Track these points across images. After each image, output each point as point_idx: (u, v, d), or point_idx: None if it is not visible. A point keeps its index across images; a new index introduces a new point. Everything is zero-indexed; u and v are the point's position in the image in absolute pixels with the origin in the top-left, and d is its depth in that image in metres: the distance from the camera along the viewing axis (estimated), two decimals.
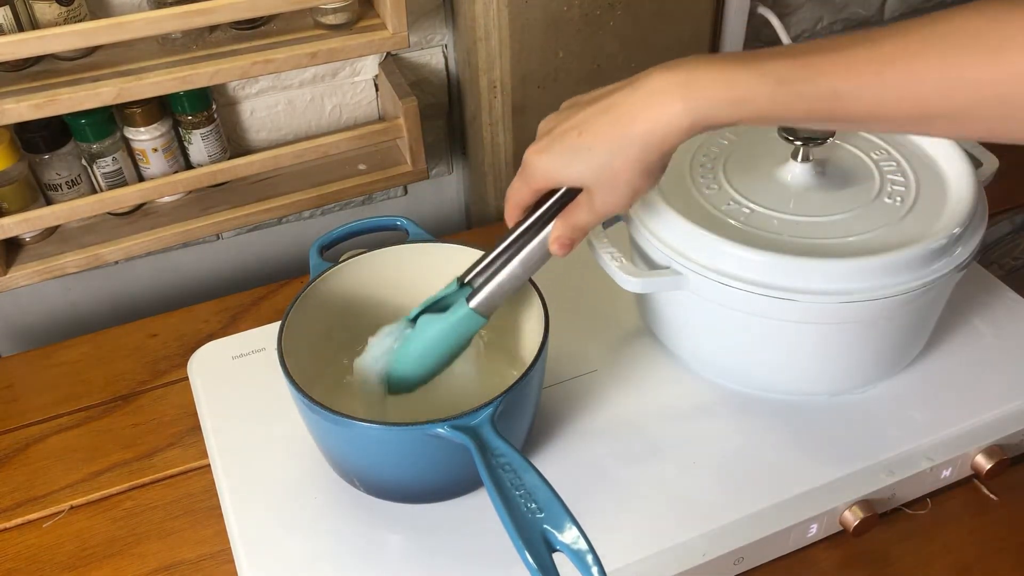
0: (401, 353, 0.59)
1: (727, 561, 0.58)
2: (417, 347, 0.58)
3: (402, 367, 0.59)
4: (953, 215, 0.60)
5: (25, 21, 0.70)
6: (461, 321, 0.57)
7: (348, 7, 0.78)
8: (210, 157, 0.83)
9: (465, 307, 0.57)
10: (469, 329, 0.58)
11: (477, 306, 0.57)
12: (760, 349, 0.63)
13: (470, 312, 0.57)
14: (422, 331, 0.58)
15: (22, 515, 0.65)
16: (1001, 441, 0.64)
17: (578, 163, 0.51)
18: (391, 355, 0.59)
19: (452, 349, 0.59)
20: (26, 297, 0.87)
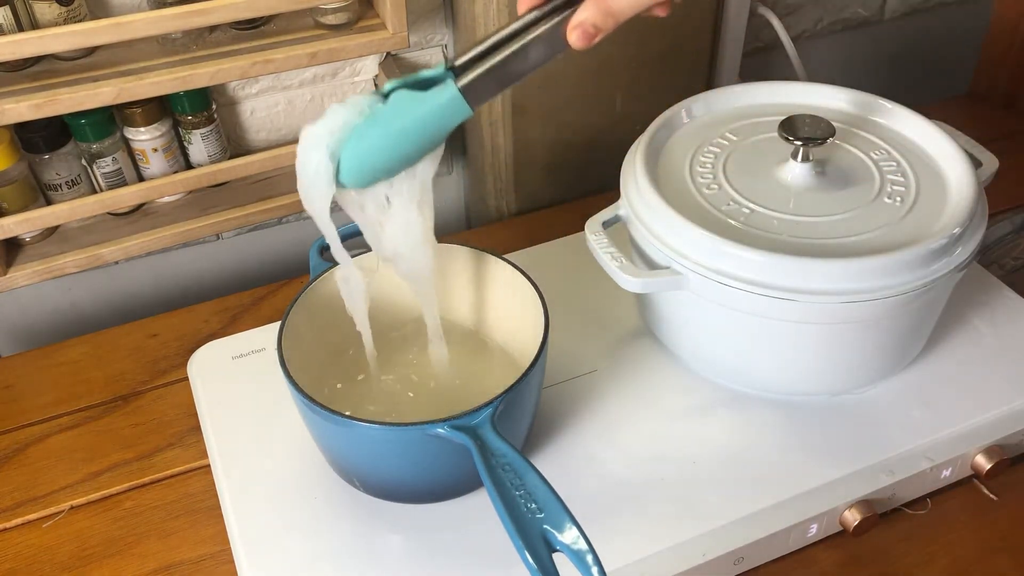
0: (364, 131, 0.50)
1: (727, 561, 0.58)
2: (385, 128, 0.50)
3: (361, 149, 0.50)
4: (953, 215, 0.60)
5: (25, 21, 0.70)
6: (444, 106, 0.49)
7: (348, 7, 0.78)
8: (210, 157, 0.83)
9: (452, 88, 0.49)
10: (451, 118, 0.50)
11: (465, 89, 0.49)
12: (760, 349, 0.63)
13: (456, 96, 0.49)
14: (395, 109, 0.50)
15: (22, 515, 0.65)
16: (1001, 441, 0.64)
17: None
18: (351, 131, 0.50)
19: (425, 141, 0.51)
20: (26, 297, 0.87)
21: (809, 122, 0.63)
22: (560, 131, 0.89)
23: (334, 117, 0.50)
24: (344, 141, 0.50)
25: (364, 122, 0.49)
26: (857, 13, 1.10)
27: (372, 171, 0.51)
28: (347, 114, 0.50)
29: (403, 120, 0.50)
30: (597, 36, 0.47)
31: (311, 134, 0.50)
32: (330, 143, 0.49)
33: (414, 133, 0.50)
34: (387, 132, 0.50)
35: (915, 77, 1.21)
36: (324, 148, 0.49)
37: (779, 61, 1.02)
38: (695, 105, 0.71)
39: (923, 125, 0.67)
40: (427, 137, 0.51)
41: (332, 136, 0.49)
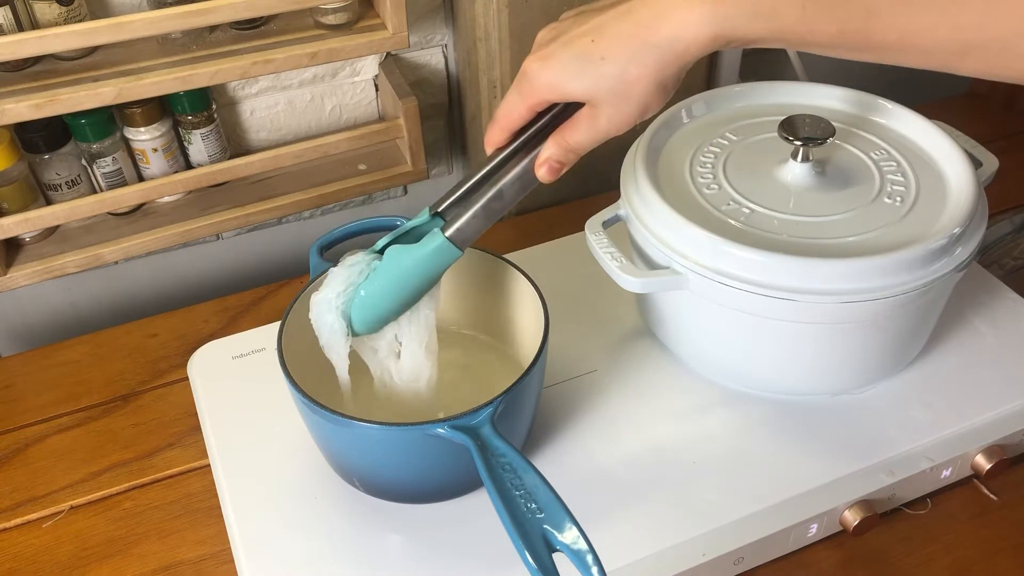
0: (367, 288, 0.55)
1: (727, 561, 0.58)
2: (385, 282, 0.55)
3: (368, 304, 0.55)
4: (953, 215, 0.60)
5: (25, 21, 0.70)
6: (435, 253, 0.54)
7: (348, 7, 0.78)
8: (210, 157, 0.83)
9: (440, 237, 0.53)
10: (443, 262, 0.54)
11: (453, 236, 0.53)
12: (760, 349, 0.63)
13: (445, 243, 0.53)
14: (392, 264, 0.54)
15: (22, 515, 0.65)
16: (1001, 441, 0.64)
17: (588, 73, 0.46)
18: (355, 291, 0.55)
19: (423, 284, 0.56)
20: (26, 297, 0.87)
21: (809, 122, 0.63)
22: None
23: (338, 280, 0.55)
24: (351, 300, 0.55)
25: (366, 281, 0.55)
26: None
27: (379, 319, 0.56)
28: (350, 276, 0.55)
29: (400, 273, 0.55)
30: (562, 169, 0.51)
31: (322, 300, 0.56)
32: (339, 305, 0.55)
33: (411, 281, 0.55)
34: (388, 285, 0.55)
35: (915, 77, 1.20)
36: (335, 311, 0.55)
37: (779, 61, 1.02)
38: (695, 105, 0.71)
39: (923, 125, 0.67)
40: (424, 282, 0.56)
41: (339, 298, 0.55)
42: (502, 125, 0.52)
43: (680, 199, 0.63)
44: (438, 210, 0.55)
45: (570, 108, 0.51)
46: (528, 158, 0.52)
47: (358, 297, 0.55)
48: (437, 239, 0.53)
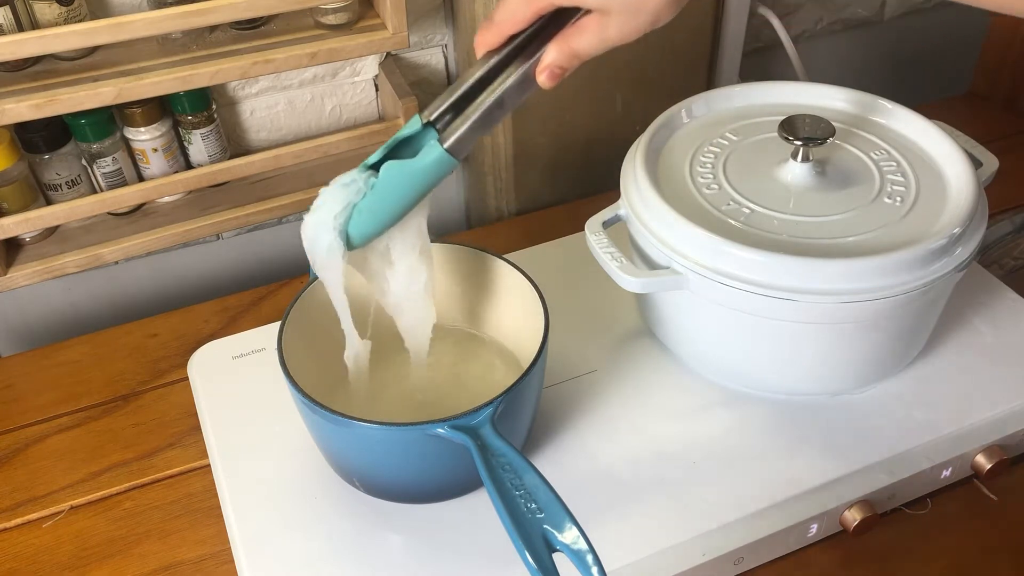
0: (365, 207, 0.54)
1: (727, 561, 0.58)
2: (384, 198, 0.54)
3: (366, 221, 0.54)
4: (953, 215, 0.60)
5: (25, 21, 0.70)
6: (434, 165, 0.52)
7: (348, 7, 0.78)
8: (210, 157, 0.83)
9: (438, 149, 0.52)
10: (441, 173, 0.53)
11: (452, 148, 0.52)
12: (760, 349, 0.63)
13: (444, 155, 0.52)
14: (389, 180, 0.53)
15: (22, 515, 0.65)
16: (1001, 441, 0.64)
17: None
18: (351, 210, 0.54)
19: (420, 197, 0.55)
20: (26, 297, 0.87)
21: (809, 122, 0.63)
22: (560, 131, 0.89)
23: (335, 201, 0.54)
24: (348, 219, 0.54)
25: (363, 200, 0.53)
26: (857, 13, 1.10)
27: (375, 233, 0.55)
28: (347, 195, 0.54)
29: (399, 188, 0.53)
30: (563, 75, 0.50)
31: (319, 223, 0.54)
32: (337, 225, 0.54)
33: (409, 195, 0.54)
34: (386, 201, 0.54)
35: (915, 77, 1.21)
36: (333, 231, 0.54)
37: (779, 61, 1.02)
38: (695, 105, 0.71)
39: (923, 125, 0.67)
40: (421, 194, 0.54)
41: (338, 219, 0.54)
42: (501, 29, 0.50)
43: (680, 199, 0.63)
44: (430, 119, 0.53)
45: (567, 14, 0.50)
46: (528, 63, 0.50)
47: (356, 215, 0.54)
48: (435, 151, 0.52)
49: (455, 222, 1.03)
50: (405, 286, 0.59)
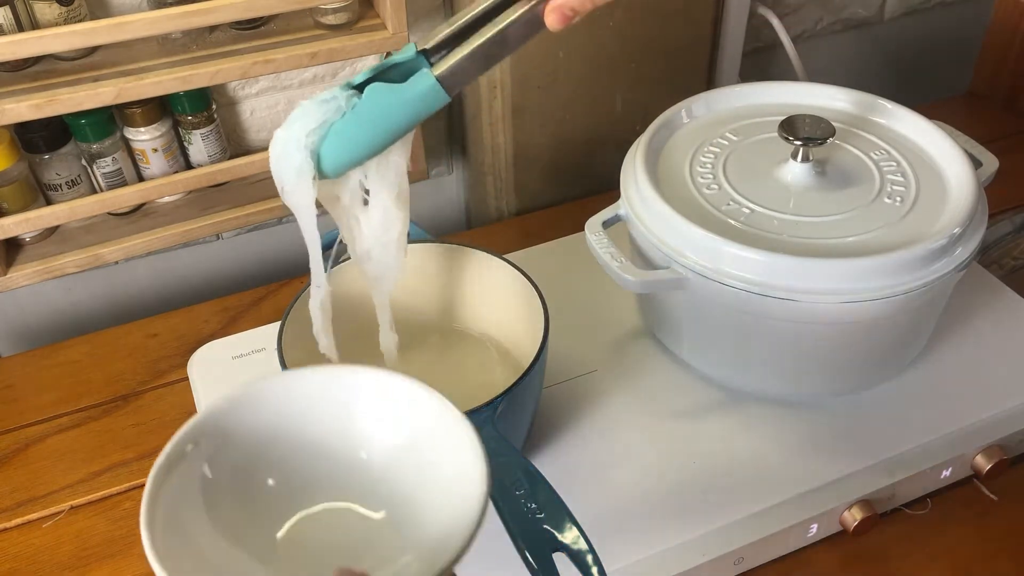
0: (343, 128, 0.50)
1: (727, 561, 0.58)
2: (364, 122, 0.50)
3: (340, 145, 0.50)
4: (953, 215, 0.60)
5: (25, 21, 0.70)
6: (423, 95, 0.49)
7: (348, 7, 0.78)
8: (210, 157, 0.83)
9: (430, 79, 0.48)
10: (429, 106, 0.49)
11: (444, 78, 0.48)
12: (760, 349, 0.63)
13: (435, 85, 0.48)
14: (373, 103, 0.49)
15: (22, 515, 0.65)
16: (1001, 441, 0.64)
17: None
18: (327, 129, 0.49)
19: (403, 128, 0.51)
20: (26, 297, 0.87)
21: (809, 122, 0.63)
22: (560, 131, 0.89)
23: (310, 116, 0.49)
24: (323, 139, 0.49)
25: (342, 120, 0.49)
26: (857, 13, 1.10)
27: (350, 162, 0.51)
28: (325, 113, 0.49)
29: (382, 114, 0.49)
30: (574, 19, 0.47)
31: (289, 138, 0.50)
32: (309, 144, 0.49)
33: (392, 124, 0.50)
34: (366, 127, 0.50)
35: (915, 77, 1.20)
36: (304, 150, 0.49)
37: (779, 61, 1.02)
38: (695, 105, 0.71)
39: (923, 125, 0.67)
40: (404, 126, 0.50)
41: (311, 137, 0.49)
42: None
43: (680, 199, 0.63)
44: (425, 47, 0.50)
45: None
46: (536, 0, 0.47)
47: (332, 136, 0.49)
48: (427, 80, 0.49)
49: (455, 222, 1.03)
50: (378, 232, 0.54)
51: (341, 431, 0.42)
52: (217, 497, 0.40)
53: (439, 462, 0.41)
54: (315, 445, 0.42)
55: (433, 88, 0.49)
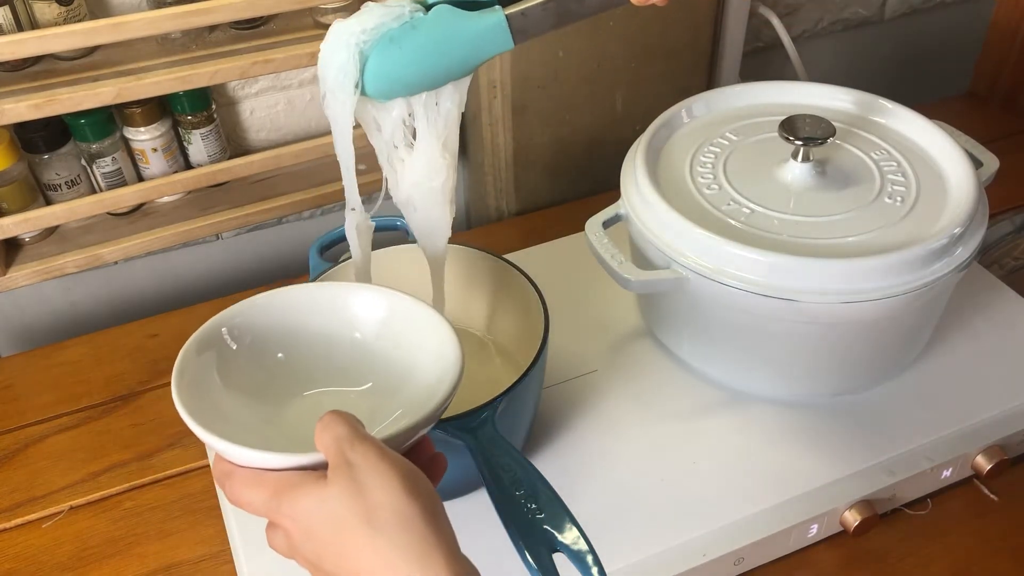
0: (398, 38, 0.46)
1: (727, 561, 0.58)
2: (422, 42, 0.47)
3: (390, 58, 0.47)
4: (953, 215, 0.60)
5: (25, 21, 0.70)
6: (487, 31, 0.46)
7: (348, 7, 0.78)
8: (210, 157, 0.83)
9: (498, 14, 0.46)
10: (490, 46, 0.47)
11: (513, 20, 0.46)
12: (760, 349, 0.63)
13: (502, 22, 0.46)
14: (436, 24, 0.46)
15: (22, 515, 0.65)
16: (1001, 441, 0.64)
17: None
18: (384, 34, 0.46)
19: (457, 64, 0.48)
20: (26, 297, 0.86)
21: (809, 122, 0.63)
22: (560, 131, 0.89)
23: (370, 16, 0.46)
24: (375, 44, 0.47)
25: (399, 28, 0.46)
26: (857, 13, 1.10)
27: (396, 83, 0.48)
28: (385, 16, 0.46)
29: (441, 38, 0.47)
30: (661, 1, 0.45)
31: (342, 30, 0.47)
32: (360, 42, 0.47)
33: (449, 53, 0.47)
34: (422, 45, 0.47)
35: (915, 77, 1.20)
36: (354, 47, 0.47)
37: (779, 61, 1.02)
38: (695, 105, 0.71)
39: (924, 125, 0.67)
40: (461, 60, 0.48)
41: (364, 36, 0.46)
42: None
43: (680, 199, 0.62)
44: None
45: None
46: None
47: (383, 46, 0.46)
48: (496, 16, 0.46)
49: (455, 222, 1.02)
50: (421, 177, 0.52)
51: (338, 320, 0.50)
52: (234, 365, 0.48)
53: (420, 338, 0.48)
54: (317, 331, 0.50)
55: (500, 25, 0.46)
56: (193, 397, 0.46)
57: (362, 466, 0.38)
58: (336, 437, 0.39)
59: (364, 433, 0.40)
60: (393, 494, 0.37)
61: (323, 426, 0.40)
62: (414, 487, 0.38)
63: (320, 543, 0.39)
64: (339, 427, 0.40)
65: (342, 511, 0.38)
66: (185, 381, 0.46)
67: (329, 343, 0.50)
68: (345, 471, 0.38)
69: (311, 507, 0.39)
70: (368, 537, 0.37)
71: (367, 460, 0.38)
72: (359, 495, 0.38)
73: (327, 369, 0.50)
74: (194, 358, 0.48)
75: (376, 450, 0.39)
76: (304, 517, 0.39)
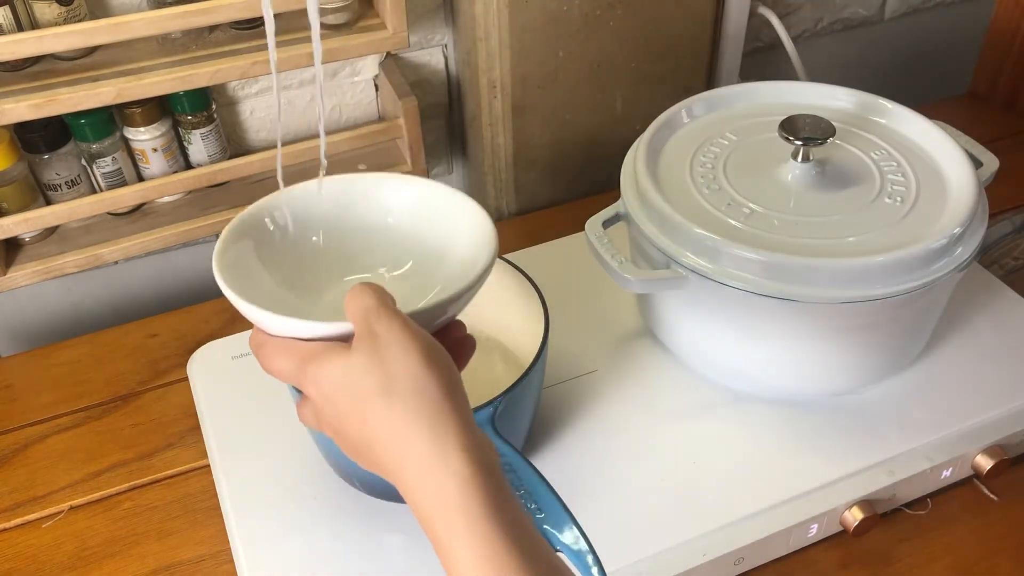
0: None
1: (727, 561, 0.58)
2: None
3: None
4: (953, 215, 0.60)
5: (25, 21, 0.70)
6: None
7: (348, 7, 0.78)
8: (210, 157, 0.83)
9: None
10: None
11: None
12: (760, 349, 0.63)
13: None
14: None
15: (22, 515, 0.65)
16: (1001, 441, 0.64)
17: None
18: None
19: None
20: (26, 297, 0.87)
21: (809, 122, 0.63)
22: (560, 131, 0.89)
23: None
24: None
25: None
26: (857, 13, 1.10)
27: None
28: None
29: None
30: None
31: None
32: None
33: None
34: None
35: (915, 77, 1.20)
36: None
37: (779, 61, 1.02)
38: (695, 105, 0.71)
39: (924, 125, 0.67)
40: None
41: None
42: None
43: (680, 199, 0.62)
44: None
45: None
46: None
47: None
48: None
49: None
50: None
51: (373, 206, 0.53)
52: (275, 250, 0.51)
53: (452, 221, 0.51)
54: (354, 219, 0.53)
55: None
56: (233, 275, 0.47)
57: (385, 337, 0.40)
58: (364, 307, 0.41)
59: (391, 306, 0.41)
60: (411, 365, 0.39)
61: (352, 296, 0.42)
62: (432, 359, 0.40)
63: (341, 409, 0.40)
64: (367, 298, 0.41)
65: (363, 379, 0.39)
66: (226, 260, 0.48)
67: (368, 230, 0.53)
68: (369, 341, 0.40)
69: (334, 374, 0.40)
70: (385, 405, 0.39)
71: (391, 332, 0.40)
72: (380, 364, 0.39)
73: (367, 256, 0.53)
74: (235, 241, 0.50)
75: (400, 322, 0.40)
76: (327, 384, 0.41)
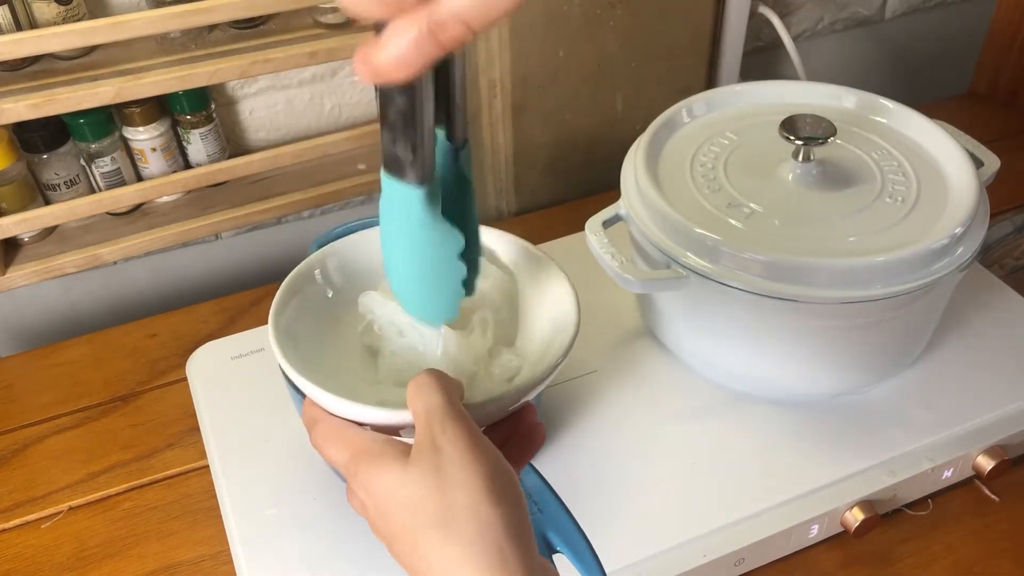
0: None
1: (728, 562, 0.58)
2: None
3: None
4: (954, 215, 0.60)
5: (24, 20, 0.70)
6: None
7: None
8: (209, 157, 0.83)
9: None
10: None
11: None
12: (760, 349, 0.63)
13: None
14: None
15: (21, 515, 0.65)
16: (1003, 441, 0.63)
17: None
18: None
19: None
20: (25, 297, 0.86)
21: (810, 122, 0.63)
22: (560, 131, 0.89)
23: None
24: None
25: None
26: (857, 13, 1.10)
27: None
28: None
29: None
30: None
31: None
32: None
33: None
34: None
35: (915, 77, 1.20)
36: None
37: (780, 60, 1.02)
38: (695, 105, 0.71)
39: (924, 125, 0.67)
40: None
41: None
42: None
43: (680, 199, 0.62)
44: None
45: None
46: None
47: None
48: None
49: None
50: None
51: None
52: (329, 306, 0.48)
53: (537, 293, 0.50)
54: None
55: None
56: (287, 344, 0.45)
57: (449, 454, 0.36)
58: (428, 408, 0.37)
59: (459, 409, 0.37)
60: (475, 496, 0.35)
61: (416, 388, 0.38)
62: (498, 491, 0.35)
63: (394, 528, 0.37)
64: (433, 395, 0.37)
65: (420, 503, 0.36)
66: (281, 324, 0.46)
67: None
68: (430, 456, 0.36)
69: (389, 487, 0.36)
70: (442, 540, 0.35)
71: (455, 448, 0.36)
72: (439, 489, 0.35)
73: None
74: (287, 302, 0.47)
75: (467, 437, 0.36)
76: (381, 495, 0.37)
